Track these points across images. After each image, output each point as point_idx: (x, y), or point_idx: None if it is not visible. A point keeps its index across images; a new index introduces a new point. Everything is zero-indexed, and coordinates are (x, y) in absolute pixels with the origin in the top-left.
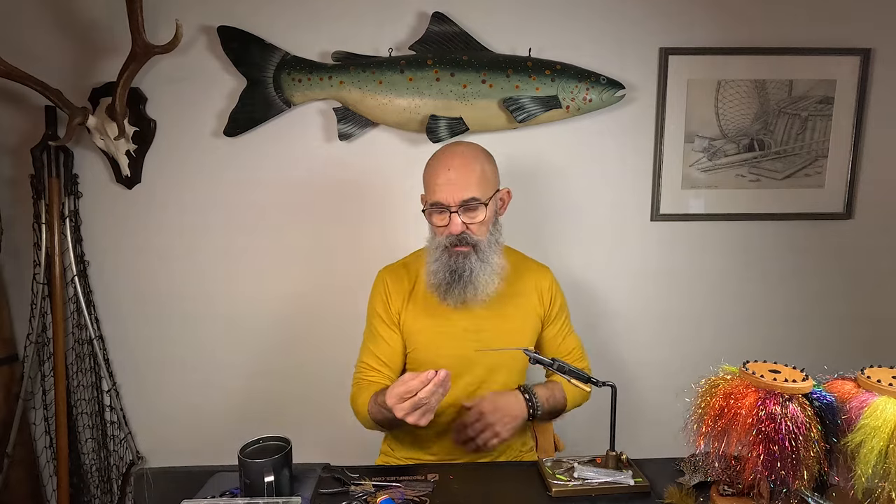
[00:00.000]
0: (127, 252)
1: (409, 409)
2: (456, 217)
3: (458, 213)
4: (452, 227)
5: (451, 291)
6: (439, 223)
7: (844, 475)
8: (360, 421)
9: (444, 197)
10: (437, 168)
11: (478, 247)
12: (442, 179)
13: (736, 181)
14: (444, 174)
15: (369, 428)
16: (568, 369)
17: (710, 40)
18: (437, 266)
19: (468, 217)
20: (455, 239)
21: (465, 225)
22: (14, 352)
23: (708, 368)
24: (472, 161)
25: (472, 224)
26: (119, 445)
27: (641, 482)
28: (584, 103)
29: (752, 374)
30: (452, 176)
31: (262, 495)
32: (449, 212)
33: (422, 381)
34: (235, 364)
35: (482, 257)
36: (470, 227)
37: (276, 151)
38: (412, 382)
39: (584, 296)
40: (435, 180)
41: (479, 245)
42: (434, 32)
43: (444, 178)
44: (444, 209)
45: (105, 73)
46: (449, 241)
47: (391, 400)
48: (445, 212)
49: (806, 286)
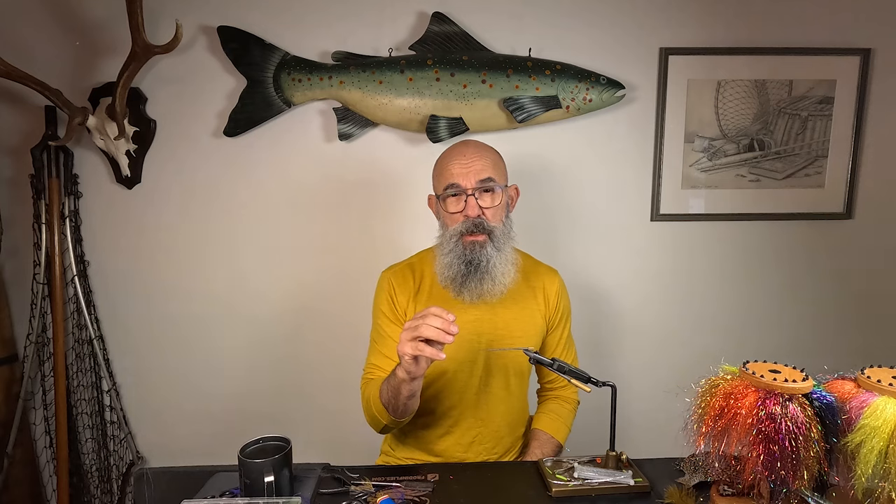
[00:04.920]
0: (127, 252)
1: (409, 337)
2: (473, 199)
3: (476, 195)
4: (469, 209)
5: (467, 284)
6: (454, 209)
7: (844, 475)
8: (369, 418)
9: (461, 178)
10: (451, 157)
11: (493, 234)
12: (457, 163)
13: (736, 181)
14: (459, 160)
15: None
16: (568, 369)
17: (710, 40)
18: (450, 258)
19: (484, 201)
20: (471, 224)
21: (482, 210)
22: (14, 352)
23: (708, 368)
24: (485, 150)
25: (488, 209)
26: (119, 445)
27: (641, 482)
28: (584, 103)
29: (752, 374)
30: (468, 160)
31: (262, 495)
32: (465, 195)
33: (435, 315)
34: (235, 364)
35: (498, 245)
36: (486, 213)
37: (276, 151)
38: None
39: (584, 295)
40: (450, 166)
41: (495, 232)
42: (434, 32)
43: (459, 163)
44: (461, 192)
45: (105, 73)
46: (465, 228)
47: (404, 333)
48: (461, 196)
49: (806, 286)
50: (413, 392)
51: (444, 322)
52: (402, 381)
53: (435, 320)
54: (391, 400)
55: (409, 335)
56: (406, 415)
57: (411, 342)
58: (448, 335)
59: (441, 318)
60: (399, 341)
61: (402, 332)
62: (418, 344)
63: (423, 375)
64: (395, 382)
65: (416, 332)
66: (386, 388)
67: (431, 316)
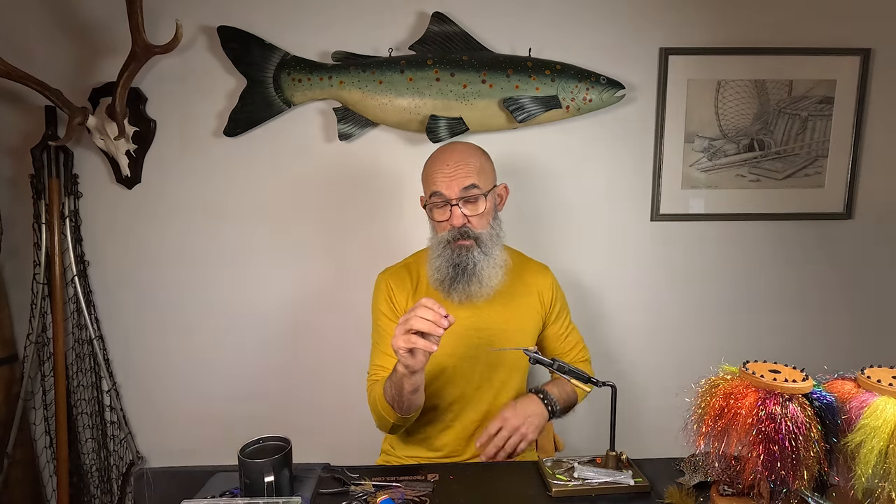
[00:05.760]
0: (127, 252)
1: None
2: (457, 209)
3: (459, 205)
4: (454, 219)
5: (455, 286)
6: (440, 218)
7: (844, 475)
8: (377, 419)
9: (444, 188)
10: (435, 164)
11: (480, 240)
12: (441, 172)
13: (736, 181)
14: (442, 168)
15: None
16: (568, 369)
17: (710, 40)
18: (440, 262)
19: (469, 209)
20: (457, 233)
21: (467, 218)
22: (14, 352)
23: (708, 368)
24: (469, 155)
25: (472, 217)
26: (119, 445)
27: (641, 482)
28: (584, 103)
29: (752, 374)
30: (451, 169)
31: (262, 495)
32: (450, 205)
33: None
34: (235, 364)
35: (485, 250)
36: (471, 221)
37: (276, 151)
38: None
39: (584, 295)
40: (434, 175)
41: (481, 238)
42: (434, 32)
43: (443, 171)
44: (445, 202)
45: (105, 73)
46: (451, 236)
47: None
48: (446, 206)
49: (805, 286)
50: (415, 386)
51: (434, 314)
52: (403, 375)
53: (426, 312)
54: (395, 397)
55: (401, 329)
56: (412, 411)
57: (404, 335)
58: (439, 327)
59: (432, 311)
60: (394, 336)
61: (396, 326)
62: (411, 337)
63: (423, 369)
64: (397, 378)
65: (408, 325)
66: (389, 386)
67: (422, 308)
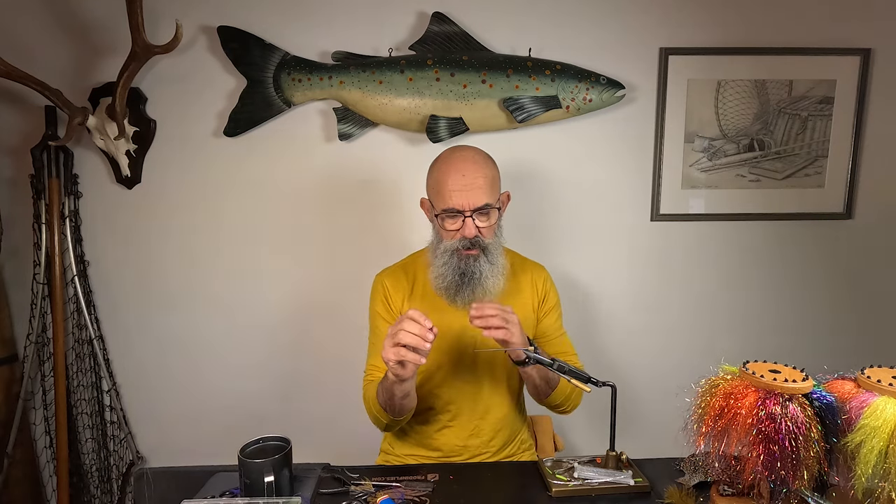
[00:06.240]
0: (127, 252)
1: (390, 343)
2: (470, 221)
3: (473, 217)
4: (467, 230)
5: (460, 293)
6: (451, 227)
7: (844, 475)
8: (371, 419)
9: (460, 203)
10: (448, 173)
11: (487, 249)
12: (456, 186)
13: (736, 181)
14: (457, 180)
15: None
16: (568, 369)
17: (710, 40)
18: (445, 269)
19: (480, 221)
20: (467, 242)
21: (478, 229)
22: (14, 352)
23: (708, 368)
24: (484, 167)
25: (483, 227)
26: (119, 445)
27: (641, 482)
28: (584, 103)
29: (752, 374)
30: (467, 182)
31: (262, 495)
32: (463, 216)
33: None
34: (235, 364)
35: (490, 259)
36: (481, 231)
37: (276, 151)
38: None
39: (584, 295)
40: (448, 186)
41: (489, 248)
42: (434, 32)
43: (458, 184)
44: (458, 214)
45: (105, 73)
46: (461, 245)
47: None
48: (459, 216)
49: (805, 286)
50: (406, 392)
51: (420, 328)
52: (393, 383)
53: (412, 326)
54: (387, 401)
55: (390, 342)
56: (404, 413)
57: (393, 348)
58: (426, 342)
59: (418, 325)
60: (383, 347)
61: (385, 338)
62: (400, 350)
63: (413, 377)
64: (388, 384)
65: (396, 339)
66: (381, 390)
67: (408, 321)
